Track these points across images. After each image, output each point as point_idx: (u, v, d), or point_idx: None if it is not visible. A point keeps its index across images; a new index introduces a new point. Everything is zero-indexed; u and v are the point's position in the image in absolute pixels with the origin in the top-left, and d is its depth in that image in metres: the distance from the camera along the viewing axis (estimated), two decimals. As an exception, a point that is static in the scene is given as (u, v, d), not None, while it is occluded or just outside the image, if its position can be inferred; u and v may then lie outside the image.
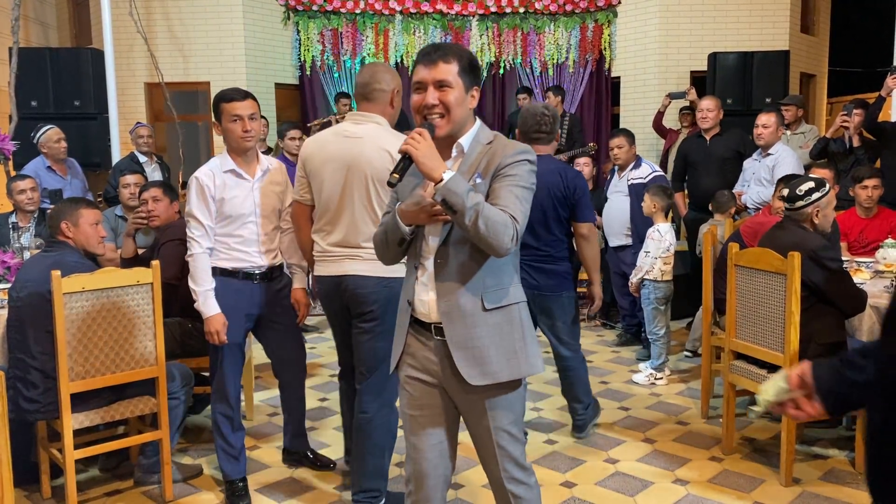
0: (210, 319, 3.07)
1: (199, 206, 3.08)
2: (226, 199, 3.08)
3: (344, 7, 9.03)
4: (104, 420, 3.14)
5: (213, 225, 3.10)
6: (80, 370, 3.01)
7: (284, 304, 3.33)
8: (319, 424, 4.15)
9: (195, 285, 3.08)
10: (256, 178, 3.17)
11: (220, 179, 3.08)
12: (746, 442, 3.83)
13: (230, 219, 3.11)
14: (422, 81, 2.00)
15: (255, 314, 3.25)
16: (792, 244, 3.26)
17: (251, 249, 3.16)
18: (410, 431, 2.20)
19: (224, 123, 3.07)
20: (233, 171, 3.11)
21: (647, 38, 8.88)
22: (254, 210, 3.14)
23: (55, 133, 5.67)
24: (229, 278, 3.14)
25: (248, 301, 3.18)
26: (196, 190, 3.08)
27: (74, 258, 3.23)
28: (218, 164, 3.13)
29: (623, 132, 5.41)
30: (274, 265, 3.26)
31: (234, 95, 3.07)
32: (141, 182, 4.92)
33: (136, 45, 8.28)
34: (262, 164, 3.20)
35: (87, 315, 3.02)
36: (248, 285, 3.18)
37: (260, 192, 3.16)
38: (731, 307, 3.62)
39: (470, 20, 9.16)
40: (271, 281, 3.26)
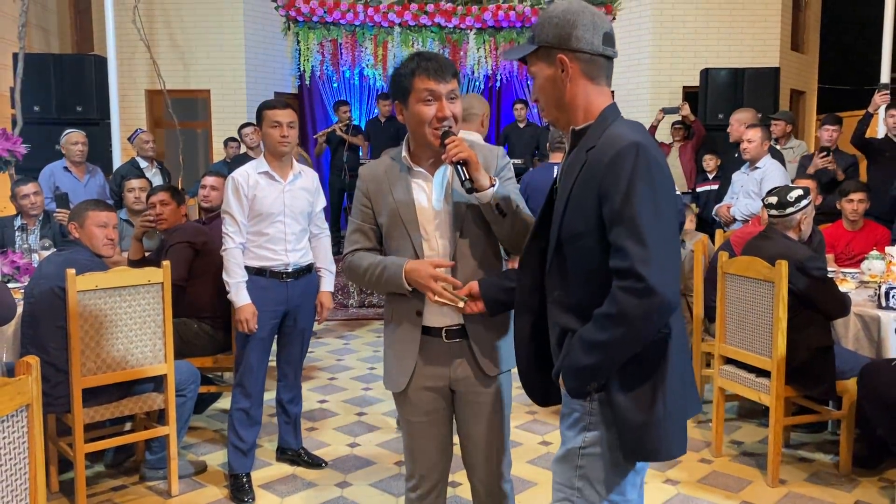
0: (241, 309, 3.27)
1: (234, 203, 3.31)
2: (257, 198, 3.31)
3: (344, 18, 9.17)
4: (114, 415, 3.23)
5: (245, 222, 3.32)
6: (91, 366, 3.10)
7: (307, 305, 3.52)
8: (319, 425, 4.25)
9: (228, 277, 3.30)
10: (288, 182, 3.38)
11: (253, 179, 3.32)
12: (735, 445, 3.95)
13: (260, 216, 3.32)
14: (434, 93, 2.01)
15: (281, 311, 3.42)
16: (779, 254, 3.38)
17: (278, 248, 3.35)
18: (414, 436, 2.22)
19: (264, 128, 3.33)
20: (266, 172, 3.34)
21: (640, 54, 9.06)
22: (283, 210, 3.34)
23: (74, 136, 5.93)
24: (257, 277, 3.34)
25: (274, 299, 3.37)
26: (232, 189, 3.32)
27: (85, 256, 3.31)
28: (254, 165, 3.38)
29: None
30: (301, 265, 3.44)
31: (275, 104, 3.35)
32: (146, 187, 5.03)
33: (138, 52, 8.40)
34: (294, 169, 3.43)
35: (100, 312, 3.12)
36: (274, 283, 3.37)
37: (290, 195, 3.38)
38: (721, 314, 3.74)
39: (467, 33, 9.32)
40: (297, 279, 3.43)
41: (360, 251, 2.17)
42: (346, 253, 2.20)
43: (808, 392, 3.46)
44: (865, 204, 4.94)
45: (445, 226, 2.09)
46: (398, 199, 2.10)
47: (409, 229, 2.09)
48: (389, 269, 2.05)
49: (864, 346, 3.66)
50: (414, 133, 2.08)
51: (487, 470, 2.22)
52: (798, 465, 3.69)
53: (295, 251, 3.40)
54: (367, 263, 2.11)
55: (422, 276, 1.99)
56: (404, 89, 2.05)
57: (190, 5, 8.68)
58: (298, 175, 3.44)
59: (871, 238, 4.92)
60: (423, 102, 2.02)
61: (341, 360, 5.58)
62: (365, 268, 2.11)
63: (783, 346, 3.35)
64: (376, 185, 2.14)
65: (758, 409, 4.35)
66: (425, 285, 1.99)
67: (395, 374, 2.18)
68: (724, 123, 7.93)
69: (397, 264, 2.05)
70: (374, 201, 2.14)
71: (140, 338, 3.23)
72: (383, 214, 2.12)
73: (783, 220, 3.55)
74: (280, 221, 3.34)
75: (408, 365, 2.15)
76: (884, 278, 4.06)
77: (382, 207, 2.12)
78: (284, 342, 3.56)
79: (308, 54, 9.22)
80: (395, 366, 2.18)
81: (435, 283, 1.98)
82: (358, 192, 2.20)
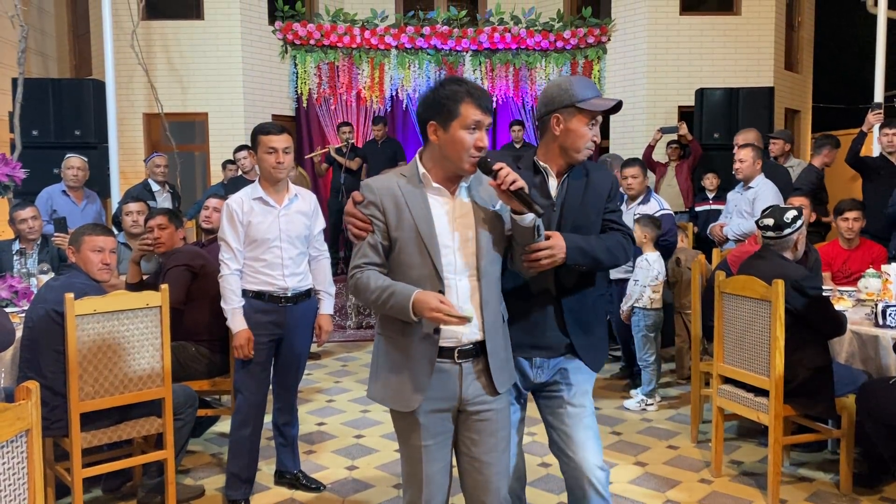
0: (237, 335, 3.28)
1: (229, 231, 3.31)
2: (253, 224, 3.30)
3: (340, 42, 9.25)
4: (111, 439, 3.21)
5: (241, 248, 3.31)
6: (89, 390, 3.09)
7: (304, 330, 3.51)
8: (318, 448, 4.23)
9: (224, 304, 3.31)
10: (283, 206, 3.37)
11: (248, 206, 3.31)
12: (735, 465, 3.94)
13: (256, 242, 3.31)
14: (480, 123, 2.09)
15: (278, 335, 3.41)
16: (775, 274, 3.38)
17: (275, 273, 3.34)
18: (422, 460, 2.19)
19: (259, 153, 3.31)
20: (260, 198, 3.33)
21: (636, 75, 9.13)
22: (278, 235, 3.33)
23: (72, 160, 6.01)
24: (256, 300, 3.33)
25: (273, 322, 3.36)
26: (227, 215, 3.32)
27: (81, 280, 3.32)
28: (249, 191, 3.37)
29: (638, 162, 5.37)
30: (300, 289, 3.42)
31: (271, 129, 3.31)
32: (143, 210, 5.04)
33: (136, 76, 8.45)
34: (290, 193, 3.41)
35: (98, 336, 3.12)
36: (273, 307, 3.36)
37: (286, 220, 3.36)
38: (719, 333, 3.75)
39: (464, 56, 9.40)
40: (296, 304, 3.41)
41: (369, 268, 2.14)
42: (354, 267, 2.16)
43: (807, 411, 3.46)
44: (861, 222, 4.95)
45: (464, 243, 2.14)
46: (417, 214, 2.11)
47: (428, 245, 2.10)
48: (397, 297, 2.05)
49: (859, 364, 3.67)
50: (446, 155, 2.11)
51: (493, 489, 2.22)
52: (798, 484, 3.68)
53: (293, 276, 3.38)
54: (375, 286, 2.09)
55: (426, 307, 1.99)
56: (449, 112, 2.08)
57: (187, 29, 8.76)
58: (294, 198, 3.42)
59: (868, 256, 4.93)
60: (467, 130, 2.08)
61: (339, 383, 5.56)
62: (373, 289, 2.09)
63: (781, 365, 3.35)
64: (392, 200, 2.13)
65: (757, 429, 4.34)
66: (430, 317, 2.00)
67: (406, 392, 2.13)
68: (719, 143, 8.03)
69: (405, 295, 2.04)
70: (388, 215, 2.13)
71: (138, 361, 3.23)
72: (400, 229, 2.12)
73: (780, 241, 3.56)
74: (276, 247, 3.33)
75: (422, 383, 2.13)
76: (880, 296, 4.07)
77: (400, 222, 2.12)
78: (280, 366, 3.53)
79: (305, 77, 9.29)
80: (408, 383, 2.13)
81: (439, 313, 1.98)
82: (370, 205, 2.15)
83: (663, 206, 5.24)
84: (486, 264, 2.16)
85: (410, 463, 2.22)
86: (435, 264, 2.11)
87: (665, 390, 5.25)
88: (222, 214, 3.35)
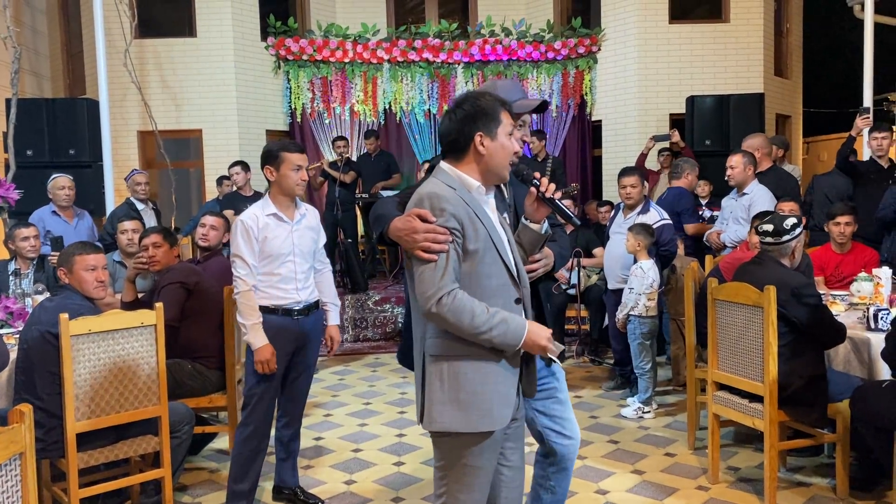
0: (259, 350, 3.30)
1: (245, 247, 3.33)
2: (268, 239, 3.35)
3: (333, 56, 9.30)
4: (108, 459, 3.22)
5: (256, 264, 3.35)
6: (85, 410, 3.10)
7: (315, 341, 3.58)
8: (315, 463, 4.23)
9: (243, 319, 3.32)
10: (295, 221, 3.44)
11: (262, 222, 3.36)
12: (732, 471, 3.94)
13: (271, 257, 3.36)
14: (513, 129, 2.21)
15: (292, 348, 3.46)
16: (773, 282, 3.38)
17: (289, 287, 3.40)
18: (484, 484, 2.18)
19: (283, 171, 3.35)
20: (274, 214, 3.38)
21: (627, 83, 9.19)
22: (292, 250, 3.40)
23: (61, 181, 5.96)
24: (270, 315, 3.37)
25: (287, 336, 3.41)
26: (241, 232, 3.34)
27: (76, 301, 3.34)
28: (261, 207, 3.41)
29: (637, 171, 5.35)
30: (310, 301, 3.50)
31: (293, 148, 3.40)
32: (139, 228, 5.05)
33: (130, 94, 8.49)
34: (300, 209, 3.49)
35: (93, 356, 3.12)
36: (287, 320, 3.41)
37: (298, 235, 3.43)
38: (713, 340, 3.76)
39: (455, 68, 9.45)
40: (307, 316, 3.48)
41: (459, 290, 2.04)
42: (445, 292, 2.01)
43: (801, 420, 3.46)
44: (853, 226, 4.98)
45: (512, 248, 2.22)
46: (486, 223, 2.11)
47: (502, 253, 2.13)
48: (510, 324, 2.05)
49: (854, 368, 3.68)
50: (494, 164, 2.16)
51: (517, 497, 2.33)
52: (795, 489, 3.69)
53: (305, 289, 3.46)
54: (482, 311, 2.02)
55: (542, 338, 2.09)
56: (494, 120, 2.14)
57: (180, 47, 8.80)
58: (304, 214, 3.50)
59: (860, 260, 4.96)
60: (509, 136, 2.18)
61: (337, 396, 5.57)
62: (479, 314, 2.01)
63: (775, 371, 3.37)
64: (464, 210, 2.07)
65: (754, 434, 4.35)
66: (543, 346, 2.10)
67: (495, 410, 2.09)
68: (711, 150, 8.08)
69: (520, 324, 2.07)
70: (465, 227, 2.06)
71: (133, 381, 3.24)
72: (477, 240, 2.07)
73: (779, 247, 3.57)
74: (290, 261, 3.39)
75: (510, 397, 2.13)
76: (872, 300, 4.10)
77: (476, 232, 2.07)
78: (291, 377, 3.55)
79: (299, 92, 9.33)
80: (496, 400, 2.09)
81: (550, 345, 2.10)
82: (451, 217, 2.04)
83: (663, 215, 5.19)
84: (523, 273, 2.23)
85: (470, 489, 2.14)
86: (511, 272, 2.15)
87: (662, 397, 5.26)
88: (235, 231, 3.36)
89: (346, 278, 7.82)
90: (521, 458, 2.34)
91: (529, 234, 2.26)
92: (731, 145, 7.91)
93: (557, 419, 2.62)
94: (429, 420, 2.11)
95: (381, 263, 9.07)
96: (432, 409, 2.10)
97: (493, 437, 2.12)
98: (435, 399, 2.10)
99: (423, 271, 2.04)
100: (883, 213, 5.20)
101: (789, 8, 10.02)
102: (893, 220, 5.14)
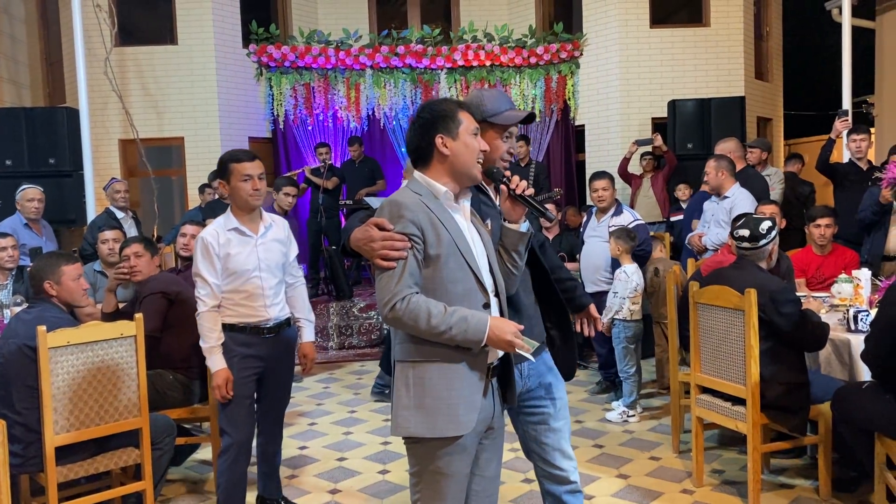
0: (215, 374, 3.16)
1: (204, 265, 3.17)
2: (231, 256, 3.18)
3: (315, 63, 9.27)
4: (88, 472, 3.18)
5: (219, 283, 3.18)
6: (64, 423, 3.07)
7: (288, 359, 3.42)
8: (300, 472, 4.20)
9: (202, 342, 3.18)
10: (260, 235, 3.27)
11: (224, 238, 3.19)
12: (716, 474, 3.96)
13: (235, 275, 3.20)
14: (478, 129, 2.21)
15: (262, 367, 3.30)
16: (752, 285, 3.39)
17: (257, 304, 3.23)
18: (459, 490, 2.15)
19: (234, 182, 3.19)
20: (236, 229, 3.22)
21: (609, 88, 9.22)
22: (257, 265, 3.23)
23: (29, 192, 5.85)
24: (238, 334, 3.22)
25: (256, 356, 3.26)
26: (201, 249, 3.18)
27: (54, 314, 3.32)
28: (222, 223, 3.24)
29: (607, 175, 5.37)
30: (280, 318, 3.33)
31: (242, 156, 3.21)
32: (120, 238, 5.02)
33: (111, 102, 8.42)
34: (265, 221, 3.31)
35: (72, 368, 3.09)
36: (255, 339, 3.25)
37: (263, 249, 3.26)
38: (695, 344, 3.77)
39: (438, 73, 9.46)
40: (278, 334, 3.33)
41: (416, 294, 2.03)
42: (399, 298, 2.01)
43: (782, 424, 3.47)
44: (833, 228, 5.02)
45: (483, 255, 2.19)
46: (450, 229, 2.10)
47: (468, 258, 2.11)
48: (471, 321, 2.02)
49: (835, 370, 3.70)
50: (459, 164, 2.15)
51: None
52: (779, 491, 3.71)
53: (274, 305, 3.29)
54: (438, 311, 2.01)
55: (506, 332, 2.03)
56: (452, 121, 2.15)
57: (161, 54, 8.75)
58: (270, 226, 3.33)
59: (841, 261, 5.00)
60: (472, 135, 2.18)
61: (321, 405, 5.54)
62: (436, 315, 2.00)
63: (757, 374, 3.38)
64: (426, 216, 2.07)
65: (738, 437, 4.36)
66: (508, 341, 2.03)
67: (459, 414, 2.06)
68: (693, 153, 8.12)
69: (481, 320, 2.03)
70: (426, 232, 2.06)
71: (113, 393, 3.20)
72: (440, 245, 2.07)
73: (756, 252, 3.59)
74: (256, 277, 3.23)
75: (476, 401, 2.10)
76: (852, 301, 4.12)
77: (438, 238, 2.07)
78: (265, 398, 3.44)
79: (281, 99, 9.30)
80: (461, 404, 2.07)
81: (517, 339, 2.04)
82: (408, 224, 2.05)
83: (636, 216, 5.29)
84: (498, 279, 2.22)
85: (442, 496, 2.12)
86: (478, 277, 2.12)
87: (647, 401, 5.28)
88: (196, 248, 3.21)
89: (331, 285, 7.80)
90: (496, 470, 2.29)
91: (510, 235, 2.25)
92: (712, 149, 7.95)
93: (548, 449, 2.50)
94: (395, 426, 2.13)
95: (367, 270, 9.04)
96: (399, 414, 2.11)
97: (462, 443, 2.10)
98: (401, 405, 2.11)
99: (381, 278, 2.06)
100: (862, 214, 5.24)
101: (769, 12, 10.10)
102: (872, 221, 5.18)
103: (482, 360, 2.12)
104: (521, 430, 2.58)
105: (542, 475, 2.58)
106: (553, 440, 2.51)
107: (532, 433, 2.53)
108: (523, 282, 2.44)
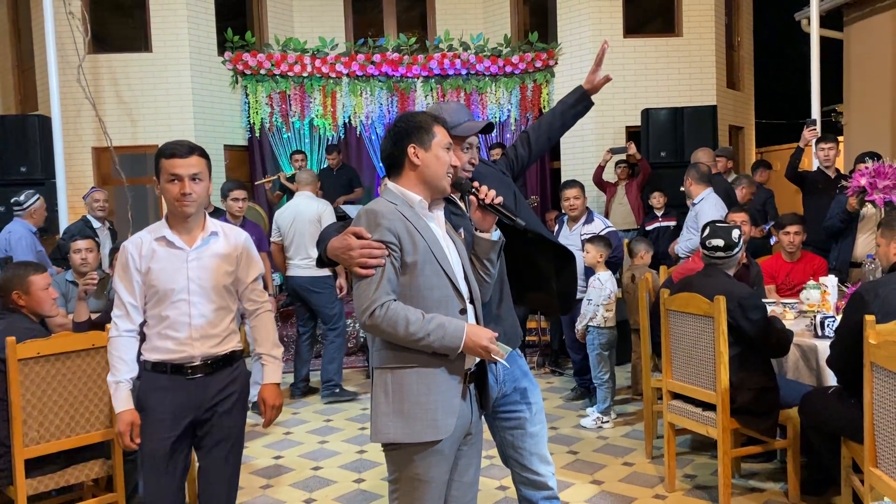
0: (118, 416, 2.52)
1: (121, 281, 2.58)
2: (153, 271, 2.54)
3: (291, 71, 9.26)
4: (59, 485, 3.15)
5: (136, 303, 2.56)
6: (34, 435, 3.04)
7: (232, 410, 2.65)
8: (274, 482, 4.18)
9: (109, 375, 2.57)
10: (194, 248, 2.59)
11: (147, 248, 2.56)
12: (688, 479, 4.00)
13: (158, 296, 2.55)
14: (450, 144, 2.23)
15: (188, 419, 2.58)
16: (720, 292, 3.45)
17: (181, 335, 2.55)
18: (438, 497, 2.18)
19: (161, 182, 2.54)
20: (164, 238, 2.58)
21: (584, 96, 9.29)
22: (186, 286, 2.56)
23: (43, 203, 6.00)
24: (155, 374, 2.57)
25: (177, 403, 2.55)
26: (121, 261, 2.59)
27: (25, 324, 3.29)
28: (153, 229, 2.63)
29: (578, 183, 5.45)
30: (216, 355, 2.61)
31: (175, 150, 2.51)
32: (93, 247, 4.97)
33: (84, 110, 8.35)
34: (206, 231, 2.63)
35: (42, 380, 3.06)
36: (177, 382, 2.55)
37: (197, 265, 2.58)
38: (667, 350, 3.82)
39: (415, 82, 9.49)
40: (211, 375, 2.60)
41: (394, 302, 2.05)
42: (377, 305, 2.02)
43: (752, 429, 3.53)
44: (802, 236, 5.10)
45: (459, 262, 2.22)
46: (426, 236, 2.13)
47: (444, 265, 2.13)
48: (448, 328, 2.04)
49: (803, 375, 3.76)
50: (430, 175, 2.18)
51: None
52: (750, 495, 3.76)
53: (204, 339, 2.57)
54: (416, 319, 2.03)
55: (482, 339, 2.07)
56: (427, 133, 2.19)
57: (136, 62, 8.69)
58: (211, 238, 2.63)
59: (809, 268, 5.08)
60: (444, 149, 2.20)
61: (297, 414, 5.52)
62: (413, 322, 2.02)
63: (726, 379, 3.43)
64: (402, 224, 2.10)
65: (709, 442, 4.41)
66: (483, 347, 2.06)
67: (437, 419, 2.08)
68: (666, 161, 8.22)
69: (458, 327, 2.06)
70: (402, 240, 2.08)
71: (84, 404, 3.18)
72: (416, 252, 2.09)
73: (729, 260, 3.66)
74: (183, 300, 2.54)
75: (454, 406, 2.12)
76: (820, 307, 4.19)
77: (414, 245, 2.09)
78: (202, 465, 2.67)
79: (257, 107, 9.28)
80: (439, 409, 2.08)
81: (493, 345, 2.07)
82: (385, 232, 2.07)
83: (607, 223, 5.38)
84: (473, 286, 2.24)
85: (420, 503, 2.14)
86: (454, 283, 2.15)
87: (622, 406, 5.32)
88: (118, 259, 2.64)
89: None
90: (474, 475, 2.33)
91: (482, 244, 2.28)
92: (685, 157, 8.07)
93: (524, 451, 2.53)
94: (375, 432, 2.14)
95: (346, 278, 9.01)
96: (378, 420, 2.12)
97: (440, 448, 2.12)
98: (380, 411, 2.12)
99: (359, 286, 2.08)
100: (830, 222, 5.34)
101: (739, 22, 10.27)
102: (840, 228, 5.28)
103: (459, 365, 2.14)
104: (498, 436, 2.61)
105: (520, 481, 2.60)
106: (531, 444, 2.54)
107: (509, 438, 2.56)
108: (497, 288, 2.48)
